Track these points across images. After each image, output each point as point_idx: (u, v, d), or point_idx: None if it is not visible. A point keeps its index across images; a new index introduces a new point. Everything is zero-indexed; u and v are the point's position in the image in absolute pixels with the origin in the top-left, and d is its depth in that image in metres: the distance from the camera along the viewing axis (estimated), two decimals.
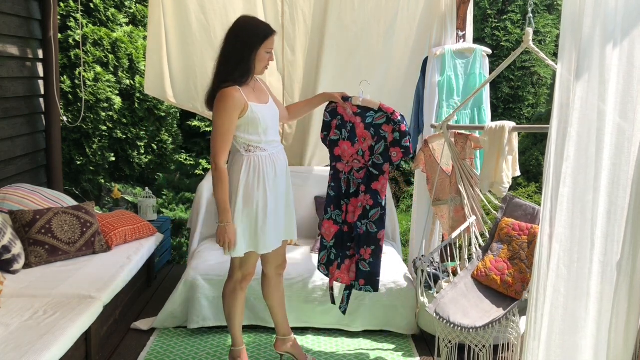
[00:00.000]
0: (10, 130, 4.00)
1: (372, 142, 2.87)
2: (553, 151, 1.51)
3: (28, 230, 3.33)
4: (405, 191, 6.95)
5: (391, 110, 2.83)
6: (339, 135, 2.96)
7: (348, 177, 2.95)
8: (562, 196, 1.51)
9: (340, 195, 2.97)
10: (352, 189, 2.94)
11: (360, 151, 2.90)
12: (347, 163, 2.95)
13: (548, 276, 1.53)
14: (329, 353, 3.22)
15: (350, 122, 2.91)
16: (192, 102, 4.27)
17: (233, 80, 2.59)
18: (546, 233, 1.53)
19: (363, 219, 2.89)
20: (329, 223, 3.02)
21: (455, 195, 3.34)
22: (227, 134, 2.58)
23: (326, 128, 3.01)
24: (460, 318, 2.73)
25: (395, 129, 2.81)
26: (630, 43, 1.49)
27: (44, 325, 2.52)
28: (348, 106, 2.90)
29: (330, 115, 2.98)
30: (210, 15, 4.04)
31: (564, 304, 1.54)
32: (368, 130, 2.87)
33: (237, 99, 2.56)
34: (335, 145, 2.98)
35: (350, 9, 3.94)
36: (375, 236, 2.88)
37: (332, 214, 3.01)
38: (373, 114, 2.86)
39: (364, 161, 2.90)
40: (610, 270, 1.55)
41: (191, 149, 6.70)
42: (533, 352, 1.55)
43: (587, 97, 1.49)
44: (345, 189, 2.96)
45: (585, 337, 1.55)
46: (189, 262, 3.78)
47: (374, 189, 2.88)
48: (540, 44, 7.06)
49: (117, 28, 5.66)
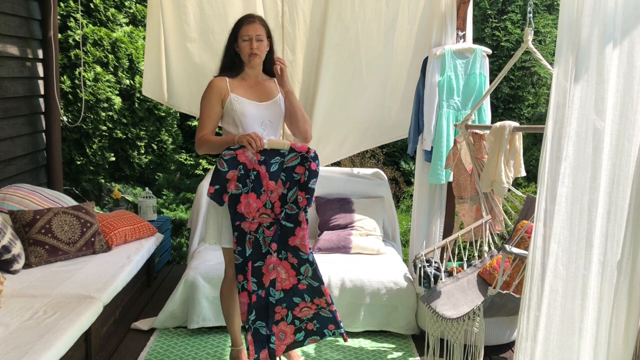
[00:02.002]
0: (10, 130, 4.00)
1: (283, 190, 2.55)
2: (548, 151, 1.51)
3: (28, 230, 3.33)
4: (405, 191, 6.95)
5: (305, 148, 2.55)
6: (241, 188, 2.53)
7: (256, 235, 2.56)
8: (561, 196, 1.51)
9: (246, 260, 2.56)
10: (263, 249, 2.57)
11: (268, 203, 2.55)
12: (253, 220, 2.56)
13: (545, 276, 1.53)
14: (329, 353, 3.22)
15: (254, 169, 2.54)
16: (189, 105, 4.22)
17: (222, 72, 2.78)
18: (540, 233, 1.53)
19: (298, 275, 2.61)
20: (243, 297, 2.57)
21: (475, 194, 3.35)
22: (206, 119, 2.73)
23: (219, 181, 2.51)
24: (446, 309, 2.76)
25: (306, 166, 2.53)
26: (630, 43, 1.49)
27: (44, 325, 2.52)
28: (251, 151, 2.51)
29: (229, 166, 2.51)
30: (209, 17, 4.02)
31: (562, 304, 1.54)
32: (277, 179, 2.55)
33: (217, 87, 2.72)
34: (237, 202, 2.52)
35: (350, 9, 3.94)
36: (320, 289, 2.63)
37: (243, 284, 2.57)
38: (279, 158, 2.56)
39: (273, 214, 2.56)
40: (609, 270, 1.55)
41: (191, 149, 6.70)
42: (525, 352, 1.54)
43: (586, 97, 1.49)
44: (251, 251, 2.56)
45: (583, 338, 1.55)
46: (189, 262, 3.78)
47: (292, 246, 2.56)
48: (540, 44, 7.06)
49: (117, 28, 5.66)
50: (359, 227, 3.94)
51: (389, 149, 7.26)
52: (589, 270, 1.53)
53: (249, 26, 2.69)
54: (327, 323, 2.71)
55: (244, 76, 2.78)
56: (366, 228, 3.94)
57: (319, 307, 2.70)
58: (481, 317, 2.57)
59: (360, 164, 6.81)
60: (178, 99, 4.21)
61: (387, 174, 6.14)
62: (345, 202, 4.07)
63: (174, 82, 4.16)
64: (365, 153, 6.92)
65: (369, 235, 3.91)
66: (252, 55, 2.70)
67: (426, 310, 2.87)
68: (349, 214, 4.00)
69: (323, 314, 2.71)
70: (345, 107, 4.14)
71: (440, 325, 2.75)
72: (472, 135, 3.31)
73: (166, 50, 4.10)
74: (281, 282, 2.63)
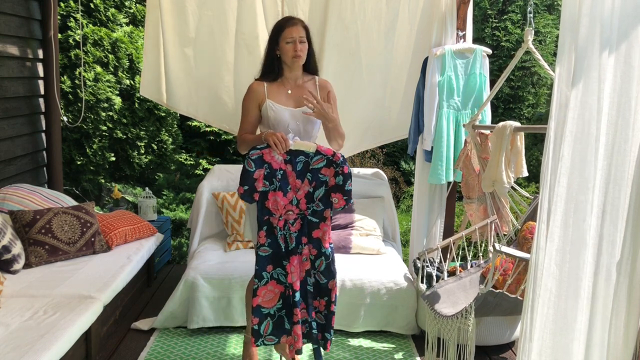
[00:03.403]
0: (10, 130, 4.00)
1: (309, 189, 2.62)
2: (551, 151, 1.51)
3: (28, 230, 3.33)
4: (405, 191, 6.95)
5: (331, 152, 2.62)
6: (269, 186, 2.62)
7: (284, 233, 2.65)
8: (557, 195, 1.50)
9: (280, 253, 2.66)
10: (290, 245, 2.65)
11: (294, 200, 2.64)
12: (280, 217, 2.64)
13: (542, 276, 1.53)
14: (329, 353, 3.22)
15: (280, 169, 2.62)
16: (188, 106, 4.20)
17: (262, 76, 2.83)
18: (543, 234, 1.53)
19: (311, 270, 2.69)
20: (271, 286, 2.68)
21: (482, 194, 3.35)
22: (245, 122, 2.82)
23: (248, 181, 2.60)
24: (445, 307, 2.76)
25: (338, 172, 2.59)
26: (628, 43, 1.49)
27: (44, 325, 2.52)
28: (277, 152, 2.60)
29: (256, 165, 2.59)
30: (208, 17, 4.00)
31: (555, 304, 1.53)
32: (303, 178, 2.63)
33: (254, 91, 2.78)
34: (265, 198, 2.62)
35: (351, 9, 3.94)
36: (326, 286, 2.69)
37: (272, 274, 2.68)
38: (303, 158, 2.62)
39: (298, 210, 2.64)
40: (604, 270, 1.55)
41: (191, 149, 6.71)
42: (527, 353, 1.54)
43: (584, 97, 1.49)
44: (285, 246, 2.65)
45: (576, 340, 1.54)
46: (189, 262, 3.78)
47: (315, 238, 2.65)
48: (540, 44, 7.06)
49: (117, 28, 5.67)
50: (359, 227, 3.94)
51: (389, 149, 7.26)
52: (583, 270, 1.53)
53: (292, 28, 2.71)
54: (318, 332, 2.72)
55: (283, 81, 2.81)
56: (366, 228, 3.94)
57: (317, 311, 2.72)
58: (473, 314, 2.57)
59: (360, 164, 6.81)
60: (176, 100, 4.16)
61: (387, 174, 6.14)
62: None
63: (172, 83, 4.12)
64: (365, 153, 6.92)
65: (369, 235, 3.91)
66: (296, 57, 2.72)
67: (426, 308, 2.87)
68: (349, 214, 4.00)
69: (317, 320, 2.72)
70: (346, 107, 4.13)
71: (438, 323, 2.76)
72: (479, 136, 3.31)
73: (165, 51, 4.06)
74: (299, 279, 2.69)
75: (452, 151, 3.72)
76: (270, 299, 2.69)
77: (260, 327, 2.69)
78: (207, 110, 4.21)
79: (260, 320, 2.69)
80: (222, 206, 4.02)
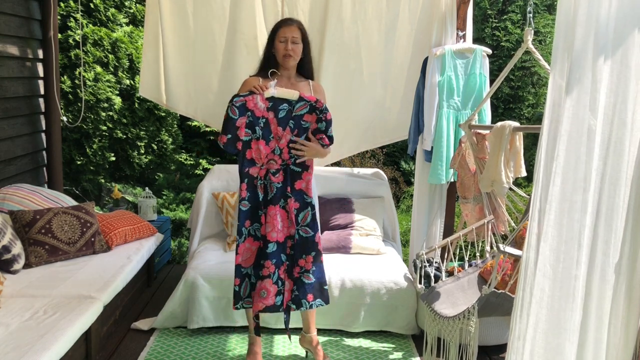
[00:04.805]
0: (10, 130, 4.00)
1: (291, 137, 2.64)
2: (544, 150, 1.51)
3: (28, 230, 3.33)
4: (405, 191, 6.95)
5: (314, 99, 2.68)
6: (251, 134, 2.63)
7: (264, 182, 2.66)
8: (552, 195, 1.51)
9: (258, 205, 2.65)
10: (269, 195, 2.65)
11: (277, 149, 2.64)
12: (262, 166, 2.66)
13: (535, 275, 1.52)
14: (329, 353, 3.22)
15: (263, 117, 2.63)
16: (187, 106, 4.19)
17: (257, 73, 2.92)
18: (534, 233, 1.53)
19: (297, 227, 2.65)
20: (248, 243, 2.66)
21: (478, 194, 3.35)
22: None
23: (230, 129, 2.59)
24: (444, 308, 2.76)
25: (321, 118, 2.64)
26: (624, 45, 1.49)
27: (44, 325, 2.52)
28: (260, 99, 2.62)
29: (239, 112, 2.60)
30: (208, 17, 4.00)
31: (548, 304, 1.53)
32: (285, 125, 2.64)
33: (249, 84, 2.82)
34: (247, 147, 2.63)
35: (351, 9, 3.94)
36: (313, 240, 2.67)
37: (250, 230, 2.66)
38: (287, 106, 2.65)
39: (280, 160, 2.65)
40: (599, 270, 1.54)
41: (191, 149, 6.70)
42: (517, 351, 1.54)
43: (579, 97, 1.49)
44: (263, 196, 2.65)
45: (569, 340, 1.54)
46: (189, 262, 3.78)
47: (297, 189, 2.66)
48: (540, 44, 7.06)
49: (117, 28, 5.67)
50: (359, 227, 3.94)
51: (389, 149, 7.26)
52: (578, 270, 1.53)
53: (286, 28, 2.85)
54: (307, 292, 2.68)
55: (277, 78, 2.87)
56: (366, 228, 3.94)
57: (302, 270, 2.67)
58: (476, 315, 2.57)
59: (360, 164, 6.81)
60: (175, 100, 4.16)
61: (387, 174, 6.14)
62: (345, 202, 4.07)
63: (171, 83, 4.12)
64: (365, 153, 6.92)
65: (369, 235, 3.91)
66: (287, 56, 2.82)
67: (425, 308, 2.87)
68: (349, 214, 4.00)
69: (304, 279, 2.68)
70: (346, 107, 4.14)
71: (438, 324, 2.76)
72: (475, 135, 3.31)
73: (164, 51, 4.06)
74: (277, 233, 2.65)
75: (452, 151, 3.73)
76: (247, 258, 2.67)
77: (240, 288, 2.67)
78: (207, 111, 4.21)
79: (241, 280, 2.67)
80: (222, 206, 4.02)
